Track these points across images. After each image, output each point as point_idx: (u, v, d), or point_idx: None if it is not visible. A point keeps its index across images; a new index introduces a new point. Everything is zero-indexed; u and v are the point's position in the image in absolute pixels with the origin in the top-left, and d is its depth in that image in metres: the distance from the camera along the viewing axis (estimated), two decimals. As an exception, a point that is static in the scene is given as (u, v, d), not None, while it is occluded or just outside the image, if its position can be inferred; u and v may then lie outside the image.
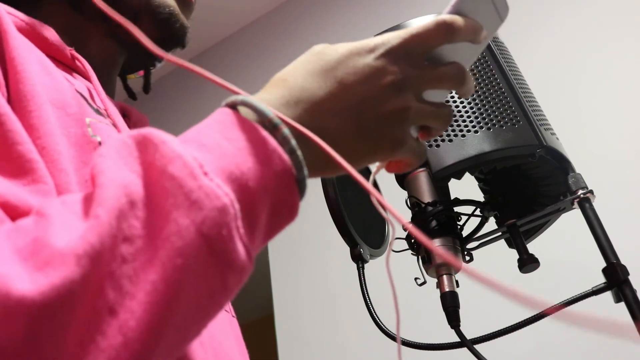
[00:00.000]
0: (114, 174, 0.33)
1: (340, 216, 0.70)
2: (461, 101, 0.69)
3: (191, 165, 0.34)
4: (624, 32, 1.73)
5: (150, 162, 0.34)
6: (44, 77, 0.48)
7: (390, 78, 0.42)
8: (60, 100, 0.48)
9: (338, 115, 0.41)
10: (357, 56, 0.43)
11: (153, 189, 0.33)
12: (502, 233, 0.74)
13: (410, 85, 0.43)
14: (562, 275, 1.38)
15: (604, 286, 0.62)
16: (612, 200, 1.45)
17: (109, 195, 0.32)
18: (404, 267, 0.81)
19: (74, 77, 0.57)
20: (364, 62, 0.43)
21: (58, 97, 0.48)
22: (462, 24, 0.44)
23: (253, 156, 0.36)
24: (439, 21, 0.44)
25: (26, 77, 0.44)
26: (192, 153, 0.34)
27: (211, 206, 0.33)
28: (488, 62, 0.72)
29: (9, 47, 0.45)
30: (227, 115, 0.38)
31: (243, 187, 0.35)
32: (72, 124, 0.48)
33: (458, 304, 0.67)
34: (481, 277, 0.35)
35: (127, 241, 0.31)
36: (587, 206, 0.66)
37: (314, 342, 1.91)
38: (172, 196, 0.33)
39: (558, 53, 1.81)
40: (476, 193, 0.77)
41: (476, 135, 0.66)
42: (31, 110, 0.43)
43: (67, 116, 0.48)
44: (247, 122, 0.38)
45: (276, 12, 2.63)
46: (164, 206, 0.33)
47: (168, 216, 0.32)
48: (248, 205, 0.35)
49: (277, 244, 2.16)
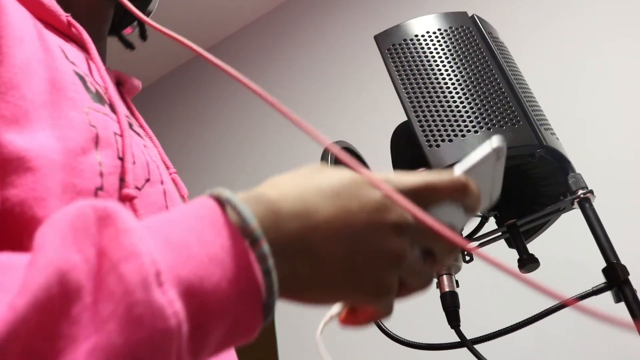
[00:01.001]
0: (55, 254, 0.29)
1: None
2: (461, 101, 0.69)
3: (147, 270, 0.29)
4: (624, 32, 1.73)
5: (104, 249, 0.30)
6: (41, 54, 0.47)
7: (395, 217, 0.39)
8: (59, 81, 0.47)
9: (332, 241, 0.37)
10: (364, 186, 0.39)
11: (97, 284, 0.29)
12: (502, 233, 0.74)
13: (412, 232, 0.40)
14: (562, 275, 1.38)
15: (604, 286, 0.62)
16: (612, 200, 1.45)
17: (38, 282, 0.27)
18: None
19: (71, 46, 0.55)
20: (371, 194, 0.39)
21: (56, 77, 0.46)
22: (475, 189, 0.42)
23: (222, 270, 0.32)
24: (457, 179, 0.41)
25: (16, 61, 0.43)
26: (152, 254, 0.30)
27: (153, 327, 0.29)
28: (488, 62, 0.72)
29: (4, 29, 0.44)
30: (209, 211, 0.34)
31: (201, 305, 0.31)
32: (72, 107, 0.46)
33: (458, 304, 0.67)
34: (493, 260, 0.33)
35: (47, 341, 0.27)
36: (587, 206, 0.66)
37: (313, 342, 1.91)
38: (115, 302, 0.28)
39: (558, 53, 1.82)
40: (476, 193, 0.77)
41: (476, 135, 0.67)
42: (21, 94, 0.42)
43: (66, 100, 0.46)
44: (227, 226, 0.33)
45: (276, 12, 2.63)
46: (102, 310, 0.29)
47: (102, 325, 0.28)
48: (200, 324, 0.31)
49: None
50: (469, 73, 0.71)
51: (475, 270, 0.81)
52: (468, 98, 0.69)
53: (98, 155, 0.46)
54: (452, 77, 0.71)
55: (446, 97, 0.69)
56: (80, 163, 0.44)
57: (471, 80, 0.70)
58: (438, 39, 0.74)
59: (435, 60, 0.72)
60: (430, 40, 0.74)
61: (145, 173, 0.50)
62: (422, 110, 0.69)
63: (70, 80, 0.48)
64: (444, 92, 0.70)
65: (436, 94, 0.70)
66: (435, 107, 0.69)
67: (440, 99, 0.69)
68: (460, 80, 0.70)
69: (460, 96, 0.69)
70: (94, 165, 0.45)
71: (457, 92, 0.69)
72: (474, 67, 0.71)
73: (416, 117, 0.69)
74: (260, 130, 2.44)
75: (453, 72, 0.71)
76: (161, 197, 0.51)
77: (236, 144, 2.34)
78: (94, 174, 0.45)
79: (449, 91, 0.70)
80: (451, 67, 0.71)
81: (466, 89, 0.70)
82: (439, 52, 0.73)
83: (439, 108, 0.69)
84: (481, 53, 0.73)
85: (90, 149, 0.45)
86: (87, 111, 0.47)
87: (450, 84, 0.70)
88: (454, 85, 0.70)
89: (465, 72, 0.71)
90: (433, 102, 0.69)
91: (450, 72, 0.71)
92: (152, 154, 0.54)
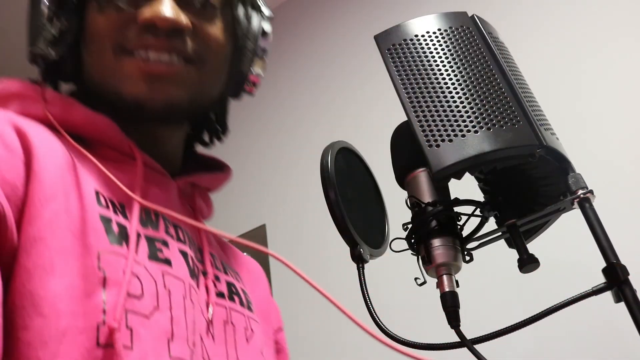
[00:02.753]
0: None
1: (340, 216, 0.70)
2: (461, 101, 0.69)
3: None
4: (623, 32, 1.73)
5: None
6: (70, 203, 0.56)
7: None
8: (81, 231, 0.55)
9: None
10: None
11: None
12: (502, 233, 0.74)
13: None
14: (562, 275, 1.38)
15: (604, 286, 0.62)
16: (612, 200, 1.45)
17: None
18: (404, 267, 0.81)
19: (115, 168, 0.64)
20: None
21: (79, 227, 0.55)
22: None
23: None
24: None
25: (43, 219, 0.53)
26: None
27: None
28: (488, 62, 0.72)
29: (34, 187, 0.54)
30: None
31: None
32: (87, 254, 0.54)
33: (458, 304, 0.67)
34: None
35: None
36: (587, 206, 0.66)
37: (314, 342, 1.91)
38: None
39: (558, 53, 1.81)
40: (476, 193, 0.77)
41: (476, 135, 0.66)
42: (40, 251, 0.51)
43: (83, 247, 0.54)
44: None
45: (276, 12, 2.63)
46: None
47: None
48: None
49: (277, 244, 2.16)
50: (469, 73, 0.71)
51: (475, 270, 0.81)
52: (468, 98, 0.69)
53: (104, 294, 0.53)
54: (452, 77, 0.71)
55: (446, 97, 0.69)
56: (85, 306, 0.52)
57: (471, 80, 0.70)
58: (438, 39, 0.74)
59: (435, 60, 0.72)
60: (430, 40, 0.74)
61: (154, 301, 0.57)
62: (422, 110, 0.69)
63: (93, 226, 0.56)
64: (444, 92, 0.70)
65: (436, 94, 0.70)
66: (435, 107, 0.69)
67: (440, 99, 0.69)
68: (460, 80, 0.70)
69: (460, 96, 0.69)
70: (99, 304, 0.53)
71: (457, 92, 0.69)
72: (474, 67, 0.71)
73: (416, 117, 0.69)
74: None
75: (453, 72, 0.71)
76: (168, 323, 0.58)
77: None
78: (97, 312, 0.52)
79: (449, 91, 0.70)
80: (451, 67, 0.71)
81: (466, 89, 0.70)
82: (439, 52, 0.73)
83: (439, 108, 0.69)
84: (481, 53, 0.73)
85: (95, 291, 0.53)
86: (100, 256, 0.55)
87: (450, 84, 0.70)
88: (454, 85, 0.70)
89: (465, 72, 0.71)
90: (433, 102, 0.69)
91: (450, 72, 0.71)
92: (180, 271, 0.63)
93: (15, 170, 0.54)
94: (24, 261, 0.50)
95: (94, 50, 0.68)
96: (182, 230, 0.68)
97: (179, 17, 0.67)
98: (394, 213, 0.84)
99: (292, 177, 2.22)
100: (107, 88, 0.68)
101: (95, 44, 0.68)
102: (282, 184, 2.25)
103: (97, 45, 0.68)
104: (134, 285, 0.56)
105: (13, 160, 0.54)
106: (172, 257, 0.63)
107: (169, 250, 0.63)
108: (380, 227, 0.81)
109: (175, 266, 0.63)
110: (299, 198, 2.17)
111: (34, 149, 0.56)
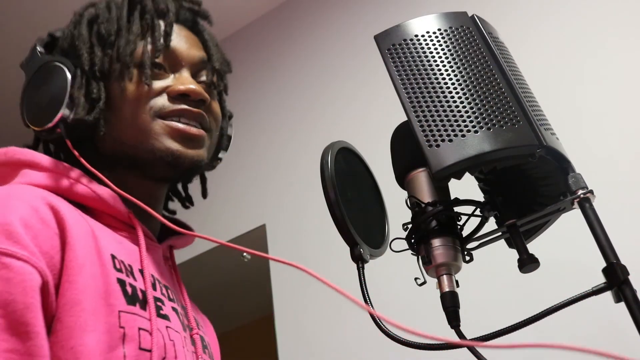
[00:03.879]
0: None
1: (340, 216, 0.70)
2: (461, 101, 0.69)
3: None
4: (623, 32, 1.73)
5: None
6: (96, 268, 0.67)
7: None
8: (104, 291, 0.66)
9: None
10: None
11: None
12: (502, 233, 0.74)
13: None
14: (562, 275, 1.38)
15: (604, 286, 0.62)
16: (612, 200, 1.45)
17: None
18: (404, 267, 0.81)
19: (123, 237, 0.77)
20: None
21: (103, 289, 0.66)
22: None
23: None
24: None
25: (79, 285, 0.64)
26: None
27: None
28: (488, 62, 0.72)
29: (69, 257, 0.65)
30: None
31: None
32: (110, 313, 0.65)
33: (458, 304, 0.67)
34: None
35: None
36: (587, 206, 0.66)
37: (314, 342, 1.91)
38: None
39: (558, 53, 1.81)
40: (476, 193, 0.77)
41: (476, 135, 0.66)
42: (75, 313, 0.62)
43: (107, 306, 0.65)
44: None
45: (276, 12, 2.63)
46: None
47: None
48: None
49: (277, 244, 2.16)
50: (469, 73, 0.71)
51: (475, 270, 0.81)
52: (468, 98, 0.69)
53: (124, 348, 0.64)
54: (452, 77, 0.71)
55: (446, 97, 0.69)
56: (109, 358, 0.62)
57: (471, 80, 0.70)
58: (438, 39, 0.74)
59: (435, 60, 0.72)
60: (430, 40, 0.74)
61: (162, 352, 0.69)
62: (422, 110, 0.69)
63: (112, 288, 0.67)
64: (444, 92, 0.70)
65: (436, 94, 0.70)
66: (435, 107, 0.69)
67: (440, 99, 0.69)
68: (460, 80, 0.70)
69: (460, 96, 0.69)
70: (120, 357, 0.64)
71: (457, 92, 0.69)
72: (474, 67, 0.71)
73: (416, 117, 0.69)
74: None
75: (453, 72, 0.71)
76: None
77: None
78: None
79: (449, 91, 0.70)
80: (451, 67, 0.71)
81: (466, 89, 0.70)
82: (439, 52, 0.73)
83: (439, 108, 0.69)
84: (481, 53, 0.73)
85: (117, 346, 0.64)
86: (120, 315, 0.66)
87: (450, 84, 0.70)
88: (454, 85, 0.70)
89: (465, 72, 0.71)
90: (433, 102, 0.69)
91: (450, 72, 0.71)
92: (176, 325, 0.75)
93: (52, 242, 0.64)
94: (66, 320, 0.61)
95: (128, 114, 0.80)
96: (170, 290, 0.80)
97: (204, 91, 0.83)
98: (394, 213, 0.84)
99: (292, 177, 2.22)
100: (142, 146, 0.79)
101: (129, 109, 0.80)
102: (282, 184, 2.25)
103: (132, 111, 0.79)
104: (145, 339, 0.67)
105: (49, 234, 0.65)
106: (169, 313, 0.75)
107: (166, 307, 0.75)
108: (380, 227, 0.81)
109: (173, 321, 0.75)
110: (299, 198, 2.17)
111: (66, 222, 0.66)
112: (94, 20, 0.84)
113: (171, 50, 0.84)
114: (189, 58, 0.85)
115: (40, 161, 0.76)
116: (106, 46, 0.82)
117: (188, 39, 0.88)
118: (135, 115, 0.79)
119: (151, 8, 0.85)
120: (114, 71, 0.81)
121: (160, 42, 0.83)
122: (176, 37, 0.85)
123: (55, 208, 0.67)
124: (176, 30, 0.86)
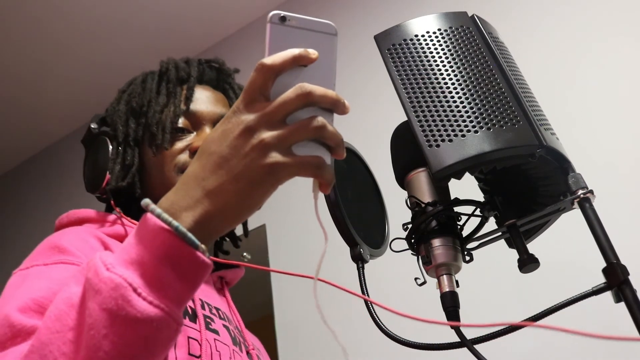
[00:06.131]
0: (66, 292, 0.54)
1: (340, 217, 0.70)
2: (461, 101, 0.69)
3: (97, 265, 0.52)
4: (623, 32, 1.73)
5: (86, 275, 0.53)
6: None
7: (240, 118, 0.54)
8: None
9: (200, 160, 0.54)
10: (232, 113, 0.55)
11: (84, 292, 0.53)
12: (502, 233, 0.74)
13: (257, 123, 0.53)
14: (562, 275, 1.38)
15: (604, 286, 0.62)
16: (612, 200, 1.45)
17: (54, 307, 0.54)
18: (404, 267, 0.81)
19: None
20: (222, 120, 0.56)
21: None
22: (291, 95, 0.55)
23: (145, 242, 0.52)
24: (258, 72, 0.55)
25: None
26: (102, 256, 0.53)
27: (107, 288, 0.50)
28: (488, 62, 0.72)
29: None
30: (143, 220, 0.54)
31: (141, 264, 0.51)
32: None
33: (458, 304, 0.67)
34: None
35: (72, 330, 0.51)
36: (587, 206, 0.66)
37: (314, 342, 1.91)
38: (88, 291, 0.52)
39: (558, 53, 1.81)
40: (476, 193, 0.77)
41: (476, 135, 0.66)
42: None
43: None
44: (148, 221, 0.53)
45: (276, 12, 2.63)
46: (86, 300, 0.52)
47: (86, 304, 0.51)
48: (150, 272, 0.51)
49: (277, 244, 2.16)
50: (469, 73, 0.71)
51: (475, 270, 0.81)
52: (468, 98, 0.69)
53: (175, 352, 0.73)
54: (452, 77, 0.71)
55: (446, 97, 0.69)
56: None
57: (471, 80, 0.70)
58: (438, 39, 0.74)
59: (435, 60, 0.72)
60: (430, 40, 0.74)
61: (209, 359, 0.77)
62: (422, 110, 0.69)
63: None
64: (444, 92, 0.70)
65: (436, 94, 0.70)
66: (435, 107, 0.69)
67: (440, 99, 0.69)
68: (460, 80, 0.70)
69: (460, 96, 0.69)
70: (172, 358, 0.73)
71: (457, 92, 0.69)
72: (474, 67, 0.71)
73: (416, 117, 0.69)
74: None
75: (453, 72, 0.71)
76: None
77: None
78: None
79: (449, 91, 0.70)
80: (451, 67, 0.71)
81: (466, 89, 0.70)
82: (439, 52, 0.73)
83: (439, 108, 0.69)
84: (481, 53, 0.73)
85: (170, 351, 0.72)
86: None
87: (450, 84, 0.70)
88: (454, 85, 0.70)
89: (465, 72, 0.71)
90: (433, 102, 0.69)
91: (450, 72, 0.71)
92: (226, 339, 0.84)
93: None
94: None
95: (156, 173, 0.94)
96: (221, 312, 0.90)
97: None
98: (394, 213, 0.84)
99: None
100: None
101: (157, 169, 0.94)
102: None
103: (159, 169, 0.94)
104: (194, 346, 0.76)
105: (95, 249, 0.75)
106: (219, 329, 0.84)
107: (215, 324, 0.84)
108: (380, 227, 0.81)
109: (222, 335, 0.84)
110: (299, 198, 2.16)
111: (110, 247, 0.78)
112: (131, 95, 0.99)
113: (192, 113, 0.96)
114: (209, 116, 0.97)
115: (90, 215, 0.91)
116: (140, 117, 0.96)
117: (210, 98, 0.99)
118: (162, 173, 0.94)
119: (173, 77, 0.99)
120: (146, 139, 0.95)
121: (179, 108, 0.95)
122: (198, 98, 0.98)
123: (103, 239, 0.81)
124: (199, 92, 0.99)
